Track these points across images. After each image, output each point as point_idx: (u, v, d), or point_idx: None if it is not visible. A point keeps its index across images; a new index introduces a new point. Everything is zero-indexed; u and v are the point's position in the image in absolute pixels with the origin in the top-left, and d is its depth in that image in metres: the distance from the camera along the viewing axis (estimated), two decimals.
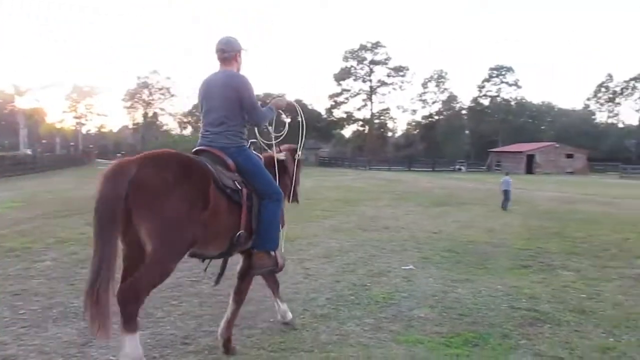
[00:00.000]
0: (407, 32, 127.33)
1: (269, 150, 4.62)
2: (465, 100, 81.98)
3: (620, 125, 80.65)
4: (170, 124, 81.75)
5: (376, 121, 78.94)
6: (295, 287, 5.93)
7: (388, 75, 77.11)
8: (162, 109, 79.38)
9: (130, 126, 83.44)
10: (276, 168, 4.42)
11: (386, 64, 76.46)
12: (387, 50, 76.08)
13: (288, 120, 5.36)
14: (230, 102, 3.99)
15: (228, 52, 4.15)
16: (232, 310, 4.07)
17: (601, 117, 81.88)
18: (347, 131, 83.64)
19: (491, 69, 78.63)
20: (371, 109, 78.05)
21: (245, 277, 4.15)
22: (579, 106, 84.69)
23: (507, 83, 78.07)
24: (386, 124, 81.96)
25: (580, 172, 57.39)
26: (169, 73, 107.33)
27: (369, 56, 76.38)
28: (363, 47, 76.00)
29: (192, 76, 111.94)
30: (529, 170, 58.03)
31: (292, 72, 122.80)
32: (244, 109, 4.04)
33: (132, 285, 3.24)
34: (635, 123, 77.79)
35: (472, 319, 4.98)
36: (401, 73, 76.74)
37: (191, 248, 3.50)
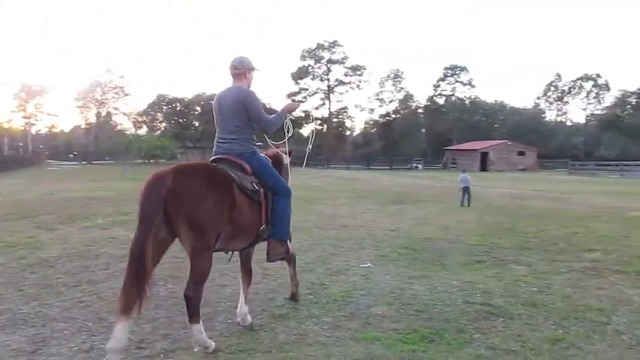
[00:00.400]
0: (363, 32, 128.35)
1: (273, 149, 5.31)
2: (421, 99, 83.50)
3: (569, 123, 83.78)
4: (124, 123, 79.90)
5: (334, 120, 79.27)
6: (254, 287, 5.87)
7: (345, 75, 77.68)
8: (115, 109, 77.47)
9: (83, 126, 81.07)
10: (288, 167, 5.07)
11: (343, 63, 77.01)
12: (345, 49, 76.72)
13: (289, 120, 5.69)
14: (239, 114, 4.54)
15: (239, 69, 4.72)
16: (291, 270, 5.37)
17: (550, 115, 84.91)
18: (305, 130, 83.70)
19: (446, 69, 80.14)
20: (329, 108, 78.43)
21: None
22: (529, 105, 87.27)
23: (461, 82, 79.74)
24: (344, 122, 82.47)
25: (531, 168, 59.20)
26: (122, 72, 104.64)
27: (326, 55, 76.69)
28: (320, 46, 76.24)
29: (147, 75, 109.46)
30: (483, 167, 59.50)
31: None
32: (252, 120, 4.58)
33: (190, 283, 3.87)
34: (583, 121, 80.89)
35: (429, 315, 5.06)
36: (358, 72, 77.37)
37: (217, 241, 4.03)
